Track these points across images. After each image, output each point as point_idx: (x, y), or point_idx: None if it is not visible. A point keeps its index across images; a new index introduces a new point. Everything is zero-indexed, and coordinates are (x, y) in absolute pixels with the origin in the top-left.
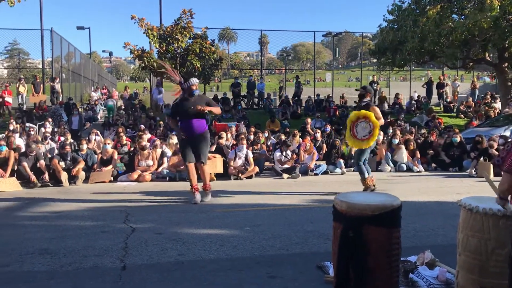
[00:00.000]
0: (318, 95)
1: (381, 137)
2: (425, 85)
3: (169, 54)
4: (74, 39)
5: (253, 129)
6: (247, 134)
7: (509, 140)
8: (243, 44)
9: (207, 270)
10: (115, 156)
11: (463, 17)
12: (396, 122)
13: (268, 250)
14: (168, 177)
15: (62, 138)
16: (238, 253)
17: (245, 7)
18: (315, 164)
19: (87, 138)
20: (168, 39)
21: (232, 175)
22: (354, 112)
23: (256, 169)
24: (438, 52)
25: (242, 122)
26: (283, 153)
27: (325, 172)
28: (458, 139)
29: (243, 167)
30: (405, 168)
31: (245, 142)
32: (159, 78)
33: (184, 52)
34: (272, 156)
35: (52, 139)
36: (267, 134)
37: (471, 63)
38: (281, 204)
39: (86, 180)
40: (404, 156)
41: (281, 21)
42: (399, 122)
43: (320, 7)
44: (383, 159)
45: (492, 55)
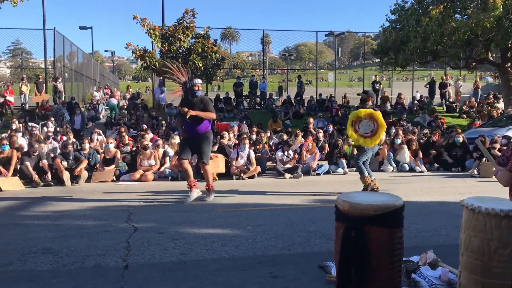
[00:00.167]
0: (320, 95)
1: (383, 137)
2: (428, 85)
3: (171, 54)
4: (77, 38)
5: (255, 129)
6: (249, 134)
7: None
8: (245, 44)
9: (209, 270)
10: (118, 155)
11: (466, 17)
12: (399, 122)
13: (270, 250)
14: (170, 177)
15: (64, 138)
16: (240, 253)
17: (247, 7)
18: (317, 164)
19: (89, 137)
20: (170, 38)
21: (234, 175)
22: (361, 110)
23: (258, 169)
24: (440, 52)
25: (244, 122)
26: (285, 153)
27: (327, 172)
28: (460, 139)
29: (245, 167)
30: (407, 168)
31: (247, 142)
32: (162, 78)
33: (186, 51)
34: (274, 156)
35: (55, 139)
36: (269, 134)
37: (474, 63)
38: (283, 204)
39: (89, 180)
40: (406, 156)
41: (283, 21)
42: (401, 122)
43: (323, 7)
44: (385, 159)
45: (495, 55)
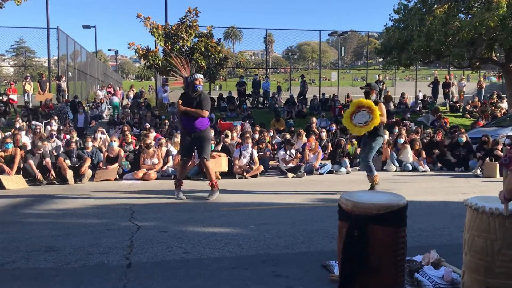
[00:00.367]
0: (323, 94)
1: (386, 136)
2: (431, 85)
3: (174, 53)
4: (80, 37)
5: (258, 128)
6: (252, 133)
7: None
8: (248, 43)
9: (212, 268)
10: (121, 154)
11: (470, 16)
12: (402, 122)
13: (273, 249)
14: (173, 176)
15: (67, 136)
16: (243, 252)
17: (250, 6)
18: (320, 163)
19: (92, 136)
20: (173, 37)
21: (237, 174)
22: (360, 99)
23: (261, 168)
24: (444, 51)
25: (247, 121)
26: (287, 152)
27: (330, 172)
28: (464, 139)
29: (248, 166)
30: (410, 167)
31: (250, 141)
32: (165, 77)
33: (190, 50)
34: (276, 155)
35: (58, 137)
36: (272, 133)
37: (477, 63)
38: (286, 203)
39: (92, 178)
40: (409, 155)
41: (286, 20)
42: (404, 121)
43: (326, 6)
44: (388, 158)
45: (499, 55)
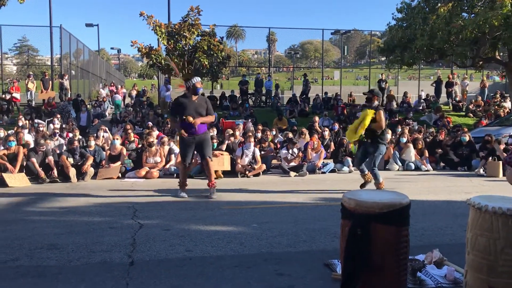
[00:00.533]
0: (326, 93)
1: (389, 136)
2: (434, 84)
3: (177, 52)
4: (83, 36)
5: (260, 127)
6: (254, 132)
7: None
8: (251, 42)
9: (214, 267)
10: (124, 152)
11: (473, 15)
12: (405, 121)
13: (275, 248)
14: (175, 174)
15: (70, 135)
16: (245, 250)
17: (253, 5)
18: (323, 162)
19: (95, 134)
20: (176, 36)
21: (239, 173)
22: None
23: (263, 167)
24: (447, 50)
25: (250, 120)
26: (289, 151)
27: (333, 171)
28: (467, 138)
29: (249, 165)
30: (413, 167)
31: (252, 140)
32: (167, 76)
33: (192, 49)
34: (279, 154)
35: (61, 136)
36: (274, 132)
37: (480, 62)
38: (288, 202)
39: (94, 176)
40: (412, 155)
41: (289, 19)
42: (407, 121)
43: (329, 5)
44: (391, 157)
45: (502, 54)
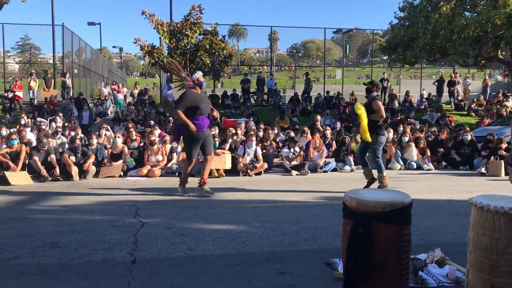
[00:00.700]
0: (328, 92)
1: (391, 134)
2: (436, 83)
3: (179, 50)
4: (85, 34)
5: (262, 125)
6: (256, 130)
7: None
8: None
9: (216, 265)
10: (125, 151)
11: (476, 14)
12: (406, 120)
13: (277, 246)
14: (177, 173)
15: (72, 133)
16: (247, 249)
17: (255, 3)
18: (324, 161)
19: (97, 133)
20: (178, 35)
21: (241, 172)
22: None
23: (265, 165)
24: (449, 49)
25: (252, 119)
26: (291, 149)
27: (334, 169)
28: (469, 137)
29: (251, 164)
30: (415, 166)
31: (254, 138)
32: (169, 74)
33: (194, 48)
34: (280, 153)
35: (63, 134)
36: (276, 131)
37: (483, 61)
38: (290, 200)
39: (96, 175)
40: (414, 154)
41: (291, 18)
42: (409, 120)
43: (331, 4)
44: (393, 157)
45: (505, 53)
